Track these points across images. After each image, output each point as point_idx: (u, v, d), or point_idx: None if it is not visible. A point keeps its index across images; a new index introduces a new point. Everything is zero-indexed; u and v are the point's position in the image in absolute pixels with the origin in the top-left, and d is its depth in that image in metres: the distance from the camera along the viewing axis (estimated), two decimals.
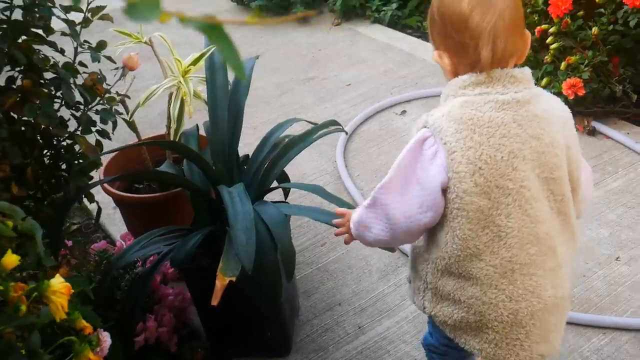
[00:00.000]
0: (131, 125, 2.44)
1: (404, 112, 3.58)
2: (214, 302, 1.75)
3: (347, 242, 1.73)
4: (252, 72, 2.40)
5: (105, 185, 2.56)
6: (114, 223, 2.95)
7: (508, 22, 1.41)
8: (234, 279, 1.78)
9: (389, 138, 3.40)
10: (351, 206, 2.05)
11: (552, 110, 1.51)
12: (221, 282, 1.76)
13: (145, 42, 2.48)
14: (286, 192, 2.59)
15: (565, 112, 1.56)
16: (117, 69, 2.20)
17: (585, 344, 2.21)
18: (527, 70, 1.47)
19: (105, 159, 2.76)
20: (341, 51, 4.31)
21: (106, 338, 1.66)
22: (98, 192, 2.68)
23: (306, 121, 2.57)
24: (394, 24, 4.51)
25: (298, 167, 3.23)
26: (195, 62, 2.35)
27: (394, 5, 4.47)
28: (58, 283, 1.29)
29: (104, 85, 1.98)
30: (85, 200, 3.10)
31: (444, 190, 1.46)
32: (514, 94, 1.44)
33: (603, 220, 2.71)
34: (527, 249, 1.49)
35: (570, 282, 1.62)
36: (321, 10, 4.80)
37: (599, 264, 2.51)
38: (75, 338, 1.35)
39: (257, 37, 4.64)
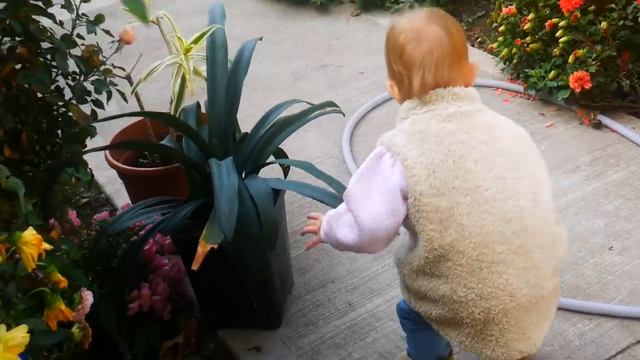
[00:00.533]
0: (137, 99, 2.50)
1: None
2: (194, 267, 1.80)
3: (309, 247, 1.91)
4: (252, 52, 2.43)
5: (110, 158, 2.63)
6: (122, 197, 3.01)
7: (439, 55, 1.55)
8: (215, 246, 1.83)
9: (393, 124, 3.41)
10: (340, 184, 2.09)
11: (501, 123, 1.66)
12: (202, 249, 1.81)
13: (152, 21, 2.54)
14: (285, 171, 2.63)
15: (520, 130, 1.70)
16: (113, 42, 2.24)
17: (570, 328, 2.22)
18: (472, 90, 1.61)
19: (112, 134, 2.83)
20: (358, 41, 4.33)
21: (88, 297, 1.72)
22: (107, 168, 2.76)
23: (306, 102, 2.60)
24: None
25: (305, 150, 3.27)
26: (197, 40, 2.39)
27: None
28: (29, 235, 1.33)
29: (101, 58, 2.03)
30: (95, 174, 3.21)
31: (405, 198, 1.55)
32: (458, 108, 1.56)
33: (600, 211, 2.71)
34: (494, 247, 1.53)
35: (554, 283, 1.66)
36: (341, 1, 4.80)
37: (591, 253, 2.52)
38: (48, 289, 1.40)
39: (277, 24, 4.68)
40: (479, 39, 4.21)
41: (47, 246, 1.45)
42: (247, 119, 2.82)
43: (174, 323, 2.31)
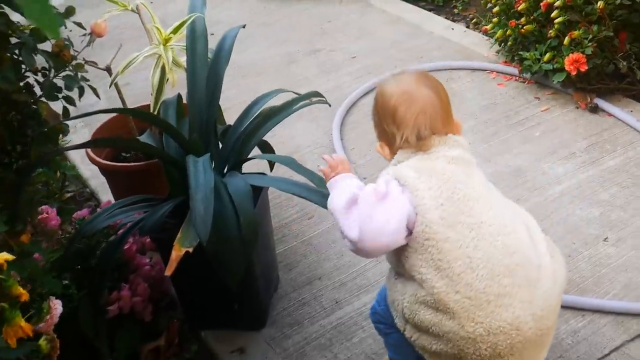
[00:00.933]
0: (117, 91, 2.42)
1: None
2: (167, 272, 1.73)
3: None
4: (234, 40, 2.33)
5: (90, 154, 2.55)
6: (107, 191, 2.93)
7: (432, 113, 1.63)
8: (190, 249, 1.76)
9: None
10: (321, 179, 2.01)
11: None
12: (177, 253, 1.74)
13: (132, 10, 2.45)
14: (271, 164, 2.56)
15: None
16: (84, 35, 2.16)
17: (562, 325, 2.15)
18: (464, 139, 1.68)
19: (93, 128, 2.75)
20: (351, 23, 4.22)
21: (57, 306, 1.64)
22: (90, 163, 2.69)
23: (292, 92, 2.51)
24: None
25: (294, 139, 3.19)
26: (176, 30, 2.31)
27: None
28: None
29: (72, 52, 1.94)
30: (80, 168, 3.14)
31: (408, 230, 1.57)
32: (460, 153, 1.64)
33: (595, 200, 2.62)
34: (499, 280, 1.54)
35: (556, 313, 1.66)
36: None
37: (585, 244, 2.44)
38: (6, 305, 1.32)
39: (270, 7, 4.56)
40: (474, 20, 4.10)
41: (7, 257, 1.38)
42: (236, 107, 2.76)
43: (156, 324, 2.23)
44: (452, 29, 3.97)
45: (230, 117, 2.52)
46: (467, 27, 4.04)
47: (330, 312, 2.29)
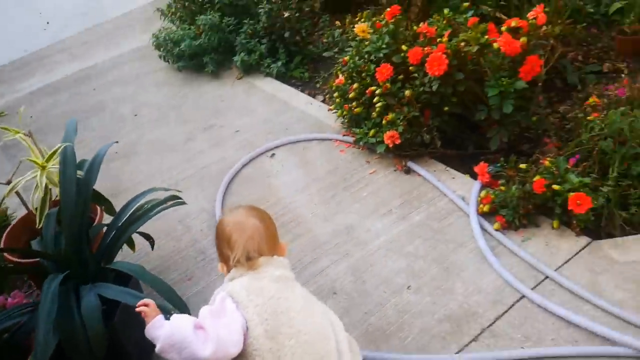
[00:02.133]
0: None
1: (273, 155, 3.23)
2: None
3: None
4: (103, 157, 2.07)
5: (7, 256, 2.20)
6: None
7: (259, 239, 1.54)
8: None
9: (260, 178, 3.04)
10: (169, 289, 1.75)
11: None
12: None
13: (24, 134, 2.11)
14: (152, 244, 2.26)
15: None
16: None
17: None
18: (286, 260, 1.59)
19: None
20: (238, 102, 3.91)
21: None
22: None
23: (162, 189, 2.21)
24: (282, 76, 4.09)
25: (184, 207, 2.87)
26: (49, 158, 1.99)
27: (280, 63, 4.06)
28: None
29: None
30: None
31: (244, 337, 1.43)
32: (283, 272, 1.54)
33: (403, 252, 2.40)
34: None
35: None
36: (230, 67, 4.34)
37: (393, 293, 2.21)
38: None
39: (179, 92, 4.20)
40: (328, 94, 3.82)
41: None
42: (147, 180, 2.47)
43: None
44: (311, 103, 3.69)
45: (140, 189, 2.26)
46: (323, 101, 3.77)
47: None
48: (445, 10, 2.96)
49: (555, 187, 2.33)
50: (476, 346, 1.95)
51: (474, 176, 2.67)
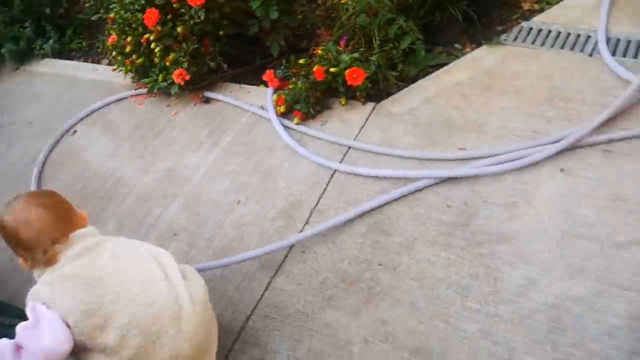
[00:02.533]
0: None
1: (75, 132, 2.83)
2: None
3: None
4: None
5: None
6: None
7: (50, 228, 1.31)
8: None
9: (70, 158, 2.65)
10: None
11: (121, 242, 1.41)
12: None
13: None
14: None
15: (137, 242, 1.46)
16: None
17: (227, 285, 1.82)
18: (89, 228, 1.38)
19: None
20: (22, 93, 3.34)
21: None
22: None
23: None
24: (60, 53, 3.54)
25: None
26: None
27: (51, 41, 3.50)
28: None
29: None
30: None
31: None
32: (83, 245, 1.33)
33: (224, 173, 2.25)
34: (149, 330, 1.28)
35: (204, 324, 1.38)
36: (2, 61, 3.65)
37: (227, 212, 2.08)
38: None
39: None
40: (108, 61, 3.38)
41: None
42: None
43: None
44: (97, 69, 3.26)
45: None
46: (109, 63, 3.34)
47: None
48: None
49: (333, 69, 2.29)
50: (310, 228, 1.90)
51: (267, 85, 2.54)
